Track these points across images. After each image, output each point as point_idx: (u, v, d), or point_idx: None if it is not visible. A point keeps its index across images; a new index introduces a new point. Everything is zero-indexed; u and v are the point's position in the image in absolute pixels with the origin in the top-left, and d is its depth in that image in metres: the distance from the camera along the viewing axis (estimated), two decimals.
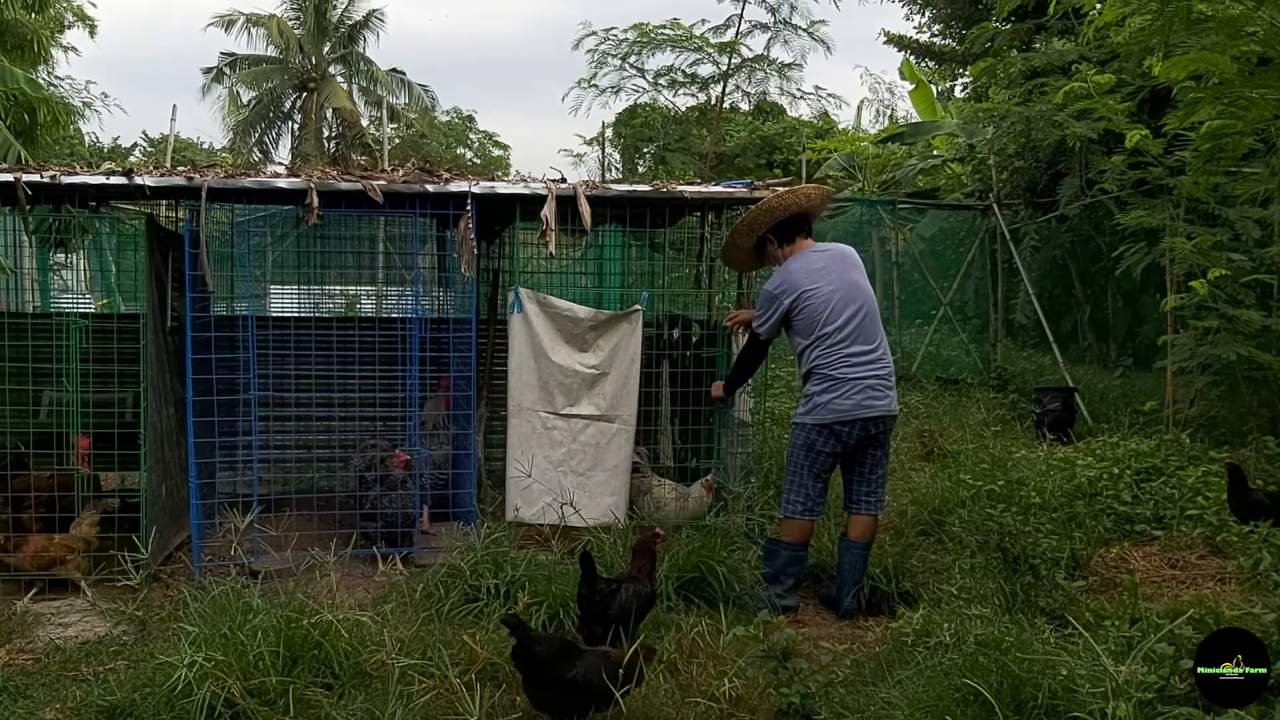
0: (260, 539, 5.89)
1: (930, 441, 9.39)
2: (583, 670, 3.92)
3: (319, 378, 7.08)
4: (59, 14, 18.58)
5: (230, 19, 34.54)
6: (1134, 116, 9.71)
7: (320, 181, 6.20)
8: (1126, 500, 6.93)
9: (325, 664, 4.34)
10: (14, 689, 4.56)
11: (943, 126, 16.39)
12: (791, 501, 5.71)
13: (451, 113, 42.13)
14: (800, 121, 23.58)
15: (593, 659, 3.99)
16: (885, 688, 4.33)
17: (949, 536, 6.44)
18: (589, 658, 3.99)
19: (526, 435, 6.50)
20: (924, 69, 20.11)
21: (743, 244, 5.99)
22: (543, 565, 5.50)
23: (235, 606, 4.61)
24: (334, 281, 10.76)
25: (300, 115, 35.81)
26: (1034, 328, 13.04)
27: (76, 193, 6.35)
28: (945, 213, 14.90)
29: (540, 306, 6.53)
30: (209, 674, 4.05)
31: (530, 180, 6.77)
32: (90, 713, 4.22)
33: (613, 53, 20.45)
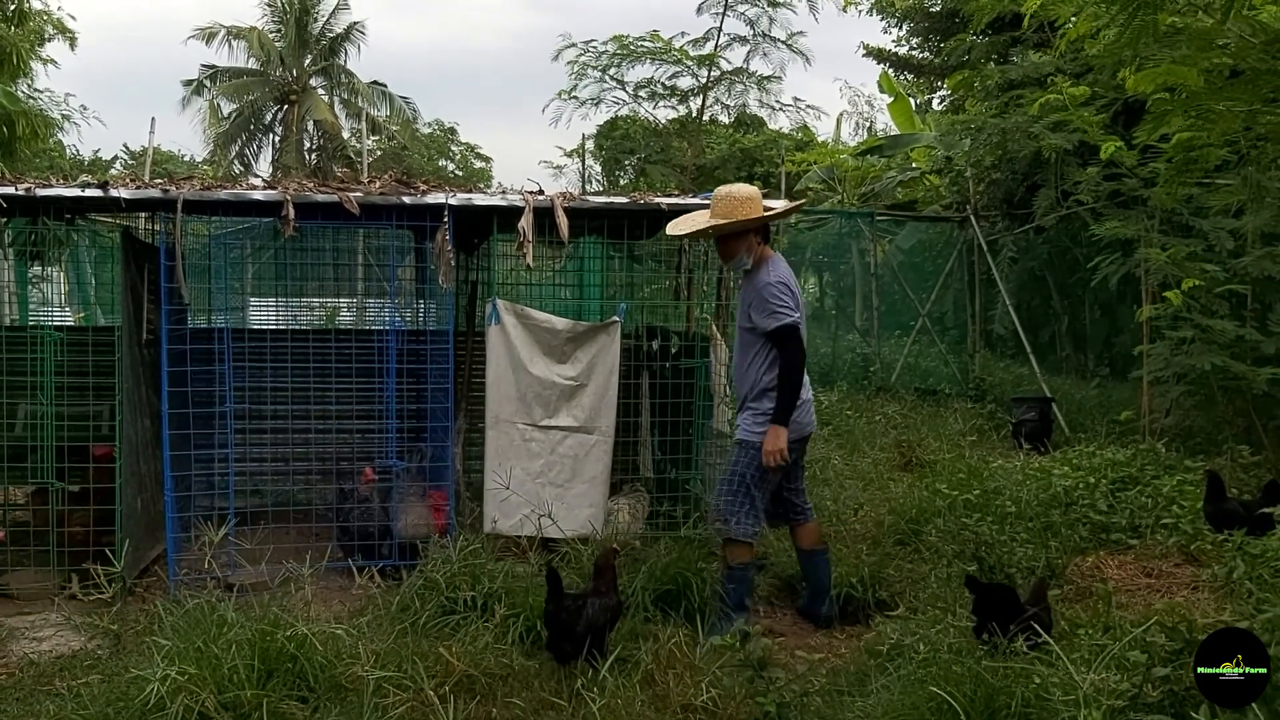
0: (236, 552, 5.87)
1: (908, 451, 9.43)
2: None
3: (296, 390, 7.06)
4: (39, 27, 18.50)
5: (211, 31, 34.46)
6: (1108, 128, 9.81)
7: (296, 193, 6.19)
8: (1102, 509, 6.96)
9: (300, 677, 4.33)
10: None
11: (921, 139, 16.47)
12: (743, 523, 5.43)
13: (433, 125, 42.14)
14: (780, 134, 23.69)
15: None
16: (861, 697, 4.35)
17: (926, 546, 6.46)
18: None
19: (505, 447, 6.49)
20: (902, 82, 20.23)
21: (733, 227, 5.46)
22: (520, 577, 5.49)
23: (210, 620, 4.59)
24: (313, 294, 10.73)
25: (281, 128, 35.72)
26: (1011, 338, 13.13)
27: (52, 205, 6.32)
28: (924, 225, 14.99)
29: (518, 318, 6.53)
30: (182, 688, 4.03)
31: (508, 192, 6.79)
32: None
33: (593, 64, 20.53)
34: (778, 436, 5.22)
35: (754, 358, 5.43)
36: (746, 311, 5.46)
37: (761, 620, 5.80)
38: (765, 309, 5.30)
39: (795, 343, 5.29)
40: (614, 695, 4.37)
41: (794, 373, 5.27)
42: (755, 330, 5.38)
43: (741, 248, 5.50)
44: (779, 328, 5.28)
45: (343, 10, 35.69)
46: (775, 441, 5.23)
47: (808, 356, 5.53)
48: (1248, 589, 5.23)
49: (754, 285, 5.41)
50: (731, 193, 5.53)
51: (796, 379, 5.29)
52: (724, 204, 5.48)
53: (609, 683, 4.48)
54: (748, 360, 5.47)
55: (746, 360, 5.48)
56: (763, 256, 5.52)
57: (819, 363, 14.39)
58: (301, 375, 6.84)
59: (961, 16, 14.48)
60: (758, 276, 5.42)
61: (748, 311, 5.44)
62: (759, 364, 5.41)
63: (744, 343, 5.53)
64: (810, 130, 24.90)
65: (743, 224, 5.42)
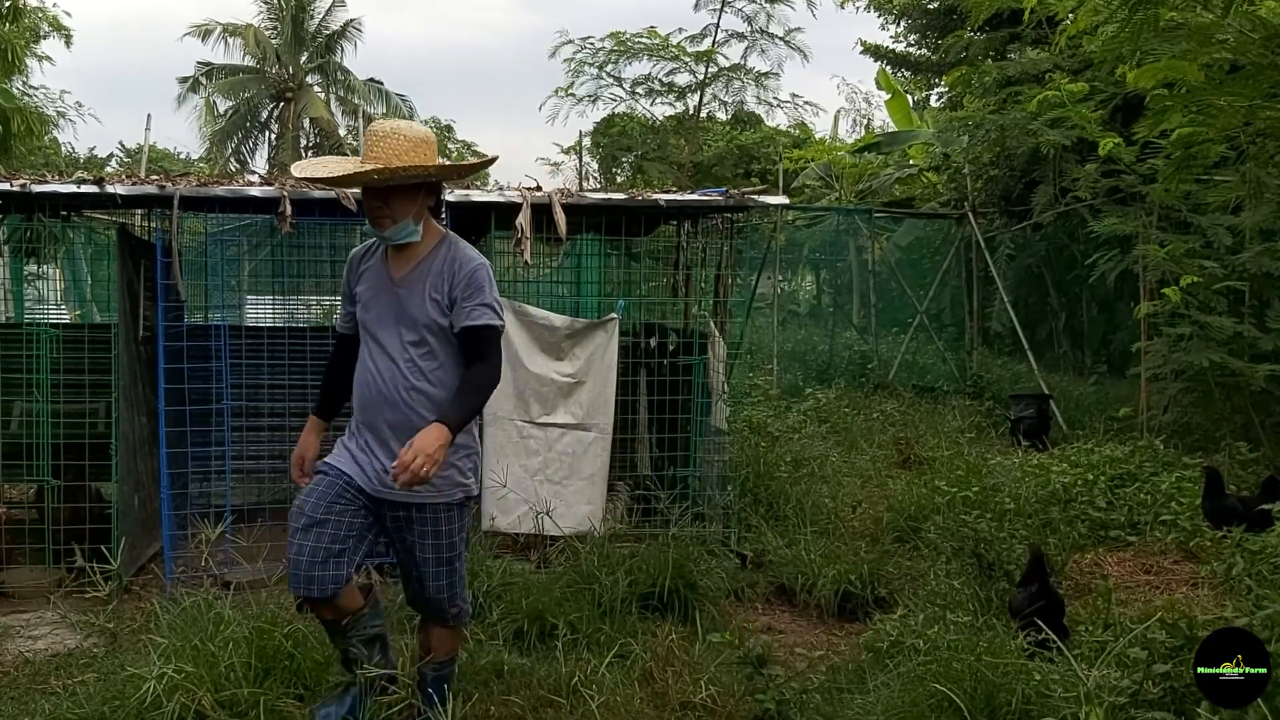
0: (233, 550, 5.84)
1: (906, 449, 9.42)
2: None
3: (293, 387, 7.04)
4: (34, 24, 18.42)
5: (207, 29, 34.42)
6: (1107, 124, 9.79)
7: (293, 190, 6.17)
8: (1101, 506, 6.97)
9: (297, 675, 4.31)
10: None
11: (919, 136, 16.45)
12: (467, 601, 4.13)
13: (430, 123, 42.07)
14: (777, 131, 23.70)
15: None
16: (860, 694, 4.34)
17: (924, 543, 6.46)
18: None
19: (502, 444, 6.48)
20: (900, 78, 20.22)
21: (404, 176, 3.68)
22: (518, 575, 5.47)
23: (207, 618, 4.56)
24: (310, 291, 10.70)
25: (277, 125, 35.69)
26: (1009, 335, 13.11)
27: (48, 201, 6.29)
28: (921, 222, 14.96)
29: (516, 315, 6.51)
30: (179, 686, 4.01)
31: (505, 189, 6.77)
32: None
33: (590, 61, 20.58)
34: (444, 441, 3.49)
35: (434, 370, 3.77)
36: (422, 303, 3.74)
37: (760, 618, 5.81)
38: (474, 297, 3.69)
39: (499, 354, 3.79)
40: (612, 692, 4.36)
41: (490, 384, 3.75)
42: (435, 330, 3.75)
43: (410, 210, 3.75)
44: (487, 327, 3.70)
45: (339, 8, 35.68)
46: (437, 440, 3.47)
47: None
48: (1247, 585, 5.23)
49: (440, 266, 3.77)
50: (400, 130, 3.75)
51: (489, 392, 3.78)
52: (389, 144, 3.70)
53: (607, 680, 4.47)
54: (417, 379, 3.75)
55: (414, 379, 3.75)
56: (434, 230, 3.88)
57: (817, 360, 14.39)
58: (299, 373, 6.81)
59: (959, 13, 14.46)
60: (447, 254, 3.79)
61: (424, 302, 3.74)
62: (445, 377, 3.77)
63: (410, 353, 3.76)
64: (808, 127, 24.96)
65: (418, 173, 3.70)
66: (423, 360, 3.76)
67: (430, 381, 3.76)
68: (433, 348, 3.76)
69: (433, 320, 3.74)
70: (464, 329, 3.71)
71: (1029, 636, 4.23)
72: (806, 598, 5.95)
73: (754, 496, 7.14)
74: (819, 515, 6.95)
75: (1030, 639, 4.20)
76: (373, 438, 3.83)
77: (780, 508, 7.06)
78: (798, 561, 6.17)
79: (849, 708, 4.22)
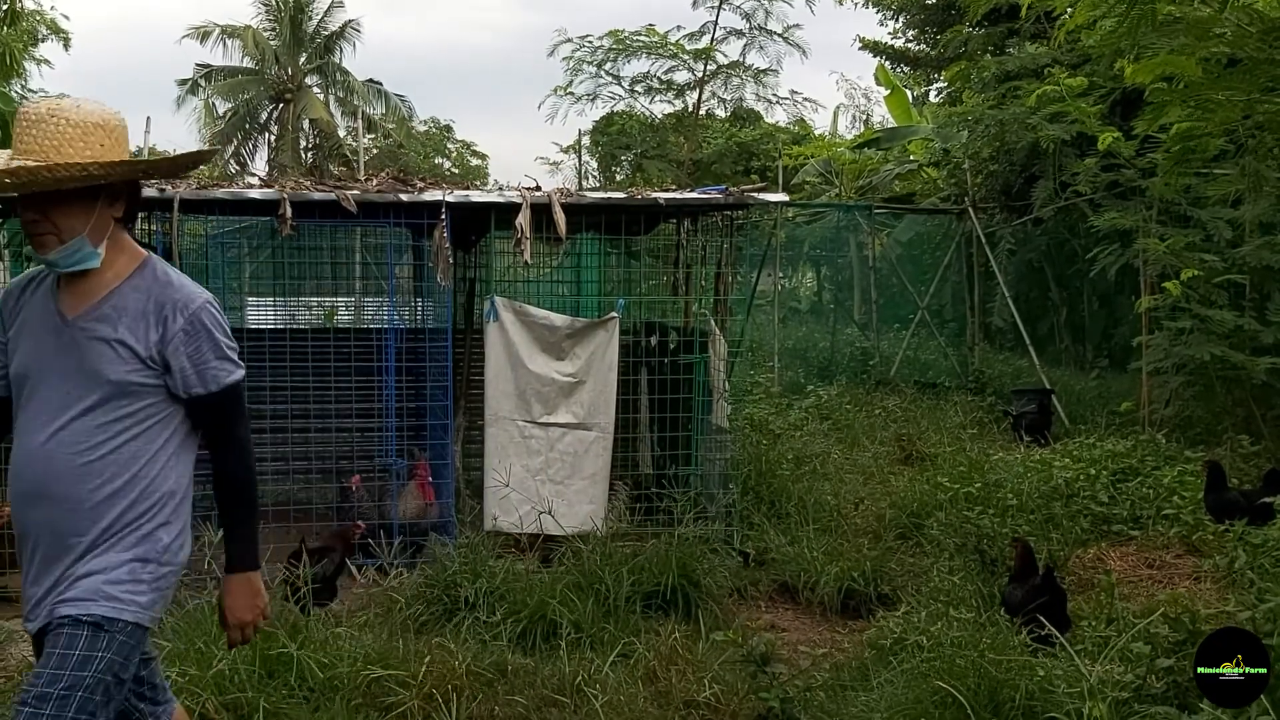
0: None
1: (908, 445, 9.42)
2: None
3: (295, 389, 7.05)
4: (32, 27, 18.44)
5: (205, 30, 34.37)
6: (1106, 119, 9.79)
7: (293, 192, 6.18)
8: (1103, 501, 6.96)
9: (300, 677, 4.31)
10: None
11: (918, 131, 16.45)
12: None
13: (429, 123, 42.05)
14: (777, 128, 23.66)
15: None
16: (864, 691, 4.34)
17: (927, 539, 6.47)
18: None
19: (504, 444, 6.48)
20: (899, 74, 20.19)
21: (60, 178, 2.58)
22: (520, 575, 5.48)
23: (210, 621, 4.57)
24: (311, 293, 10.72)
25: (277, 126, 35.66)
26: (1011, 330, 13.10)
27: None
28: (922, 217, 14.95)
29: (516, 315, 6.52)
30: (183, 689, 4.02)
31: (505, 189, 6.77)
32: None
33: (588, 60, 20.56)
34: (255, 589, 2.93)
35: (123, 445, 2.69)
36: (110, 352, 2.68)
37: (763, 616, 5.81)
38: (204, 350, 2.73)
39: (246, 413, 2.88)
40: (616, 691, 4.37)
41: (252, 475, 2.90)
42: (128, 390, 2.69)
43: (83, 224, 2.69)
44: (231, 389, 2.80)
45: (337, 8, 35.63)
46: (255, 598, 2.94)
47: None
48: (1249, 579, 5.23)
49: (141, 304, 2.73)
50: (62, 113, 2.65)
51: (255, 486, 2.92)
52: (45, 132, 2.63)
53: (611, 679, 4.47)
54: (94, 458, 2.66)
55: (90, 456, 2.66)
56: (131, 252, 2.84)
57: (818, 357, 14.39)
58: (300, 374, 6.82)
59: (958, 8, 14.45)
60: (150, 287, 2.76)
61: (113, 352, 2.68)
62: (146, 461, 2.72)
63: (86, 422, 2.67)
64: (807, 124, 24.92)
65: (76, 175, 2.61)
66: (103, 432, 2.66)
67: (114, 463, 2.67)
68: (120, 416, 2.68)
69: (125, 378, 2.67)
70: (199, 398, 2.74)
71: (1031, 632, 4.23)
72: (809, 595, 5.96)
73: (756, 494, 7.14)
74: (821, 512, 6.96)
75: (1032, 634, 4.20)
76: (33, 549, 2.70)
77: (782, 505, 7.06)
78: (800, 559, 6.17)
79: (853, 705, 4.22)
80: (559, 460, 6.54)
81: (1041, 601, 4.53)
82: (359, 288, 11.93)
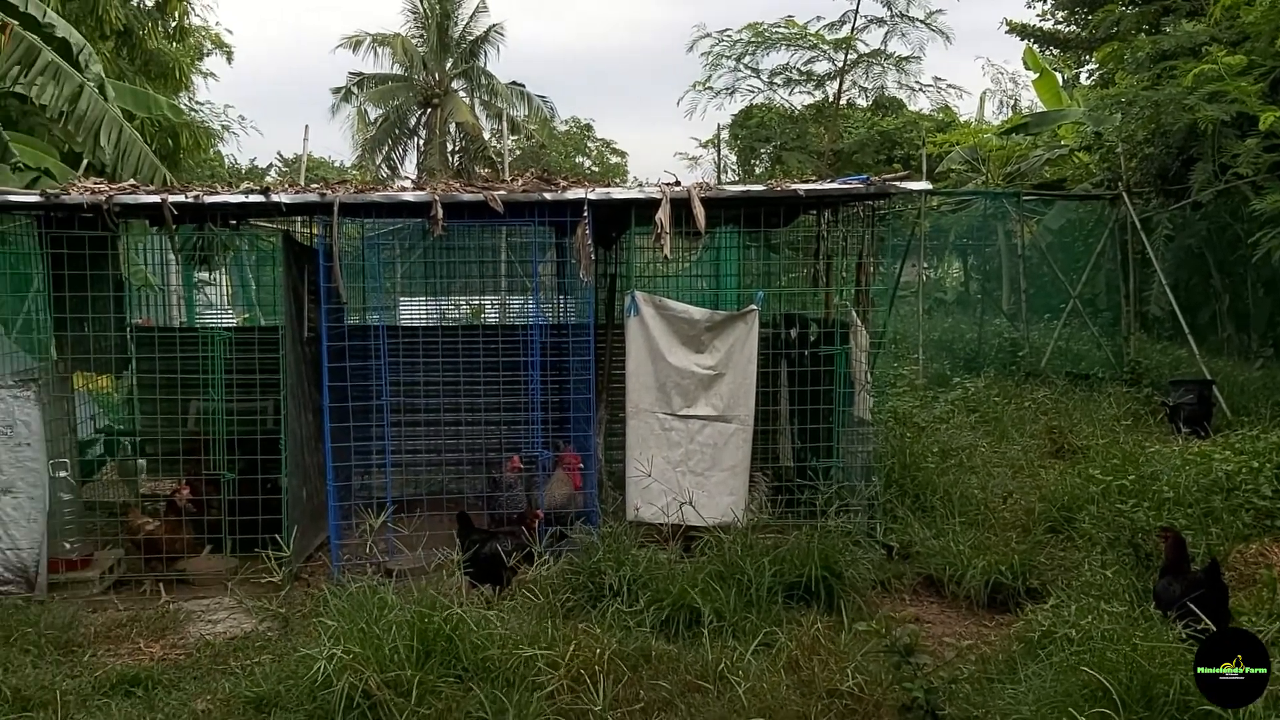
0: (394, 539, 6.12)
1: (1059, 438, 9.17)
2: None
3: (446, 384, 7.31)
4: (198, 43, 19.53)
5: (358, 40, 35.68)
6: (1267, 97, 9.35)
7: (444, 194, 6.42)
8: (1267, 495, 6.64)
9: (455, 657, 4.51)
10: (168, 682, 4.87)
11: (1068, 115, 15.90)
12: None
13: (570, 122, 42.70)
14: (920, 115, 23.22)
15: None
16: (1011, 684, 4.29)
17: (1078, 533, 6.32)
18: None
19: (645, 436, 6.59)
20: (1048, 57, 19.56)
21: None
22: (662, 564, 5.58)
23: (371, 603, 4.82)
24: (459, 291, 11.06)
25: (425, 130, 36.73)
26: (1169, 320, 12.59)
27: (218, 211, 6.70)
28: (1073, 204, 14.47)
29: (656, 309, 6.62)
30: (348, 666, 4.25)
31: (645, 185, 6.88)
32: (238, 703, 4.49)
33: (727, 54, 20.57)
34: None
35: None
36: None
37: (907, 608, 5.78)
38: None
39: None
40: (758, 679, 4.43)
41: None
42: None
43: None
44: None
45: (482, 13, 36.49)
46: None
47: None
48: None
49: None
50: None
51: None
52: None
53: (753, 666, 4.53)
54: None
55: None
56: None
57: (965, 349, 14.09)
58: (451, 369, 7.08)
59: None
60: None
61: None
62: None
63: None
64: (952, 111, 24.36)
65: None
66: None
67: None
68: None
69: None
70: None
71: (1187, 626, 4.12)
72: (955, 589, 5.90)
73: (900, 488, 7.09)
74: (968, 506, 6.86)
75: (1189, 629, 4.09)
76: None
77: (927, 499, 6.99)
78: (946, 553, 6.11)
79: (999, 697, 4.18)
80: (699, 452, 6.62)
81: (1198, 595, 4.38)
82: (504, 286, 12.26)
